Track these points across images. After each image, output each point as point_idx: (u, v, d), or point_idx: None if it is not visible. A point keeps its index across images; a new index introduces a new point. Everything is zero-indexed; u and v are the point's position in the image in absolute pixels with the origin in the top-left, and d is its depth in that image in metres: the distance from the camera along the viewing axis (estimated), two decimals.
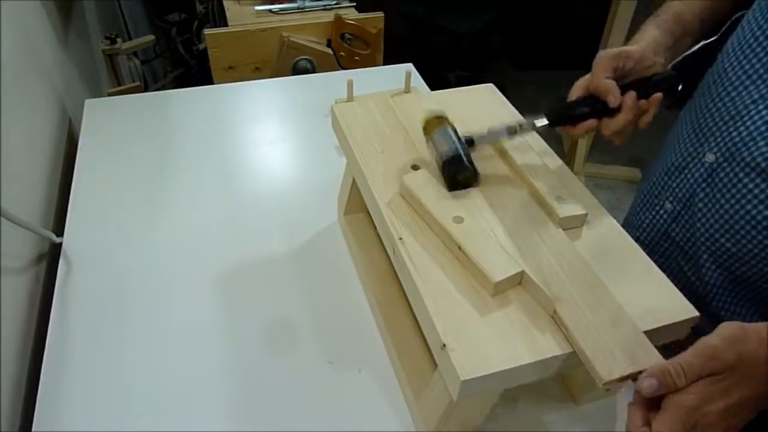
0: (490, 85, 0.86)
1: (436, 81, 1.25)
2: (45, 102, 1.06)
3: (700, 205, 0.73)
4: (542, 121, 0.68)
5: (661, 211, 0.79)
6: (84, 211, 0.91)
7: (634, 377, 0.48)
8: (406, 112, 0.78)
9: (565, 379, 0.68)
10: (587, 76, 0.68)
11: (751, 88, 0.67)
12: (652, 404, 0.47)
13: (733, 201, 0.68)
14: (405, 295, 0.61)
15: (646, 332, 0.51)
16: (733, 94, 0.69)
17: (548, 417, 0.66)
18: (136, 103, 1.18)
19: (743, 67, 0.68)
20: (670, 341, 0.55)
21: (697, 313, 0.55)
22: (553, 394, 0.68)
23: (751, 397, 0.45)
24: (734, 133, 0.68)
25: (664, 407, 0.46)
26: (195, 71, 2.34)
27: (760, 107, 0.66)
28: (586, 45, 1.82)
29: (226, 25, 1.57)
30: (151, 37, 1.65)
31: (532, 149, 0.70)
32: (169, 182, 0.98)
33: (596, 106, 0.66)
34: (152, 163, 1.01)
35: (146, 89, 1.92)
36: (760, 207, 0.66)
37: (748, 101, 0.67)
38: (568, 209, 0.62)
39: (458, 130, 0.66)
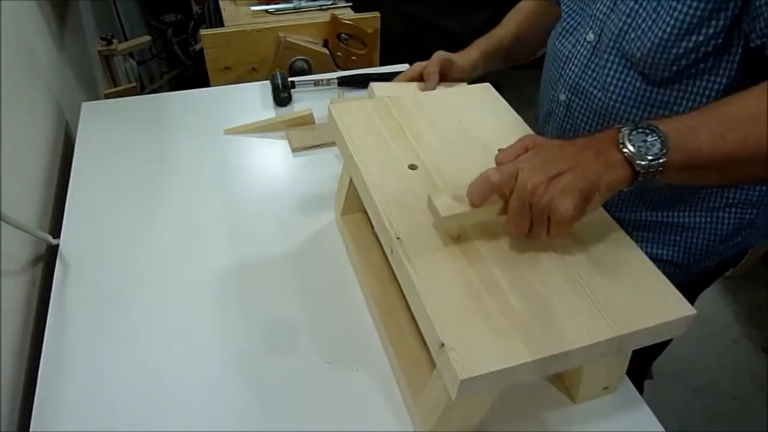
0: (487, 84, 0.86)
1: None
2: (41, 103, 1.06)
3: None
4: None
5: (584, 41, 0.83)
6: (81, 213, 0.91)
7: None
8: (402, 111, 0.78)
9: (564, 379, 0.68)
10: (423, 63, 0.92)
11: None
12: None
13: None
14: (402, 294, 0.61)
15: (644, 330, 0.52)
16: None
17: (548, 417, 0.66)
18: (133, 106, 1.18)
19: None
20: (670, 338, 0.56)
21: (694, 311, 0.55)
22: (552, 394, 0.68)
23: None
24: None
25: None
26: (191, 72, 2.34)
27: None
28: None
29: (222, 25, 1.57)
30: (147, 37, 1.65)
31: None
32: (165, 184, 0.98)
33: None
34: (149, 165, 1.01)
35: (142, 90, 1.92)
36: None
37: None
38: None
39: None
